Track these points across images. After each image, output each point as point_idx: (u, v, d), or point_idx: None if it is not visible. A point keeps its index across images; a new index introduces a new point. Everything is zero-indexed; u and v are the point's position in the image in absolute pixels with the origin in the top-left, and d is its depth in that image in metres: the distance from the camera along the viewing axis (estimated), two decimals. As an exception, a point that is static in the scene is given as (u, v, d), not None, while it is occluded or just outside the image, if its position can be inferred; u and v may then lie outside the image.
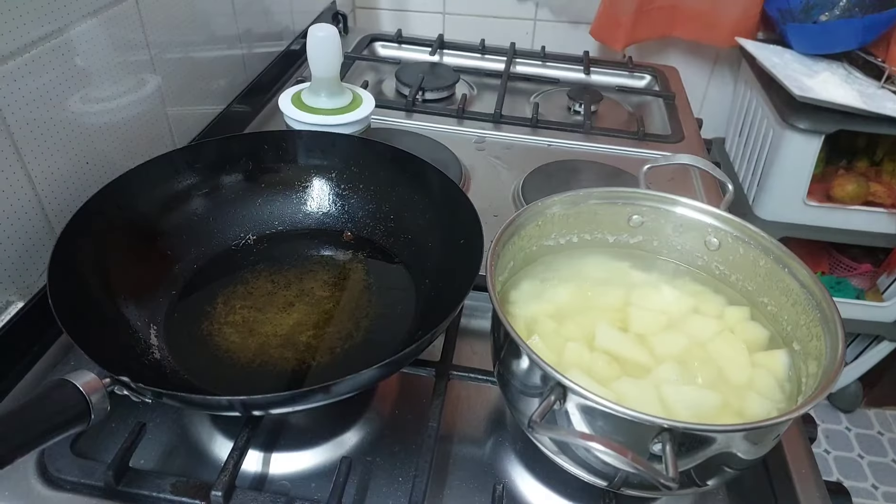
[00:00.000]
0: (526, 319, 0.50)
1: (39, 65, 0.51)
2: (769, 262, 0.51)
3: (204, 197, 0.61)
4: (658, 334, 0.50)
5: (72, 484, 0.45)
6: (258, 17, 0.89)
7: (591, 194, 0.55)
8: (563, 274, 0.55)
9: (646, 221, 0.56)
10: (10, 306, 0.51)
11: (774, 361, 0.48)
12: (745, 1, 1.25)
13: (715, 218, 0.54)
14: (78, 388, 0.37)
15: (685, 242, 0.56)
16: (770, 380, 0.47)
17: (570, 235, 0.56)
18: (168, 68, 0.69)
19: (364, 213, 0.64)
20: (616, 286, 0.54)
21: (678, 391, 0.45)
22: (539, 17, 1.39)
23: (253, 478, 0.47)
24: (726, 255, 0.54)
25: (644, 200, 0.56)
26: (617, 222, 0.57)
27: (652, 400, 0.44)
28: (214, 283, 0.58)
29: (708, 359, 0.48)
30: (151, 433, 0.49)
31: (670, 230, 0.56)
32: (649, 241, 0.57)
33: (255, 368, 0.51)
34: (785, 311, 0.50)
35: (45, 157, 0.53)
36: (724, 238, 0.54)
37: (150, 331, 0.52)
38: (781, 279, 0.50)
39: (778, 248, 0.51)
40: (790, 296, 0.50)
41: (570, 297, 0.52)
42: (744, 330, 0.51)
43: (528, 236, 0.53)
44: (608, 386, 0.45)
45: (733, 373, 0.47)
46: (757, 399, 0.45)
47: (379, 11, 1.42)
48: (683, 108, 1.02)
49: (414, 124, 0.91)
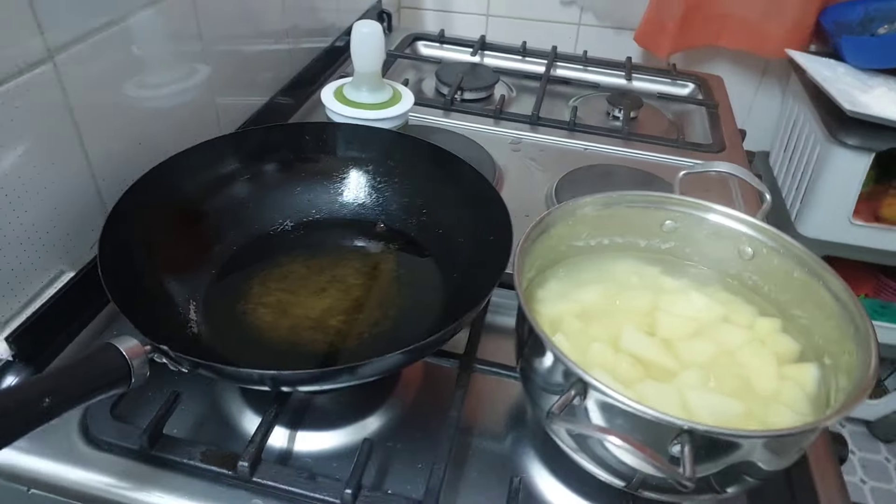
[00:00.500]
0: (551, 318, 0.51)
1: (100, 50, 0.54)
2: (803, 275, 0.50)
3: (246, 182, 0.63)
4: (685, 340, 0.50)
5: (109, 445, 0.48)
6: (305, 13, 0.92)
7: (625, 197, 0.55)
8: (591, 275, 0.55)
9: (679, 227, 0.56)
10: (62, 275, 0.55)
11: (803, 374, 0.48)
12: (798, 12, 1.22)
13: (750, 227, 0.54)
14: (121, 351, 0.39)
15: (718, 250, 0.56)
16: (798, 392, 0.46)
17: (601, 237, 0.56)
18: (218, 59, 0.72)
19: (398, 205, 0.66)
20: (645, 290, 0.54)
21: (701, 397, 0.45)
22: (583, 22, 1.39)
23: (278, 453, 0.49)
24: (760, 265, 0.54)
25: (678, 206, 0.56)
26: (649, 227, 0.57)
27: (674, 404, 0.44)
28: (252, 264, 0.60)
29: (735, 368, 0.48)
30: (185, 403, 0.51)
31: (703, 237, 0.56)
32: (681, 248, 0.57)
33: (286, 348, 0.53)
34: (818, 325, 0.49)
35: (101, 137, 0.56)
36: (758, 248, 0.53)
37: (190, 306, 0.54)
38: (815, 292, 0.49)
39: (813, 260, 0.50)
40: (824, 309, 0.49)
41: (597, 299, 0.53)
42: (774, 342, 0.50)
43: (558, 235, 0.53)
44: (631, 387, 0.45)
45: (760, 383, 0.47)
46: (783, 410, 0.45)
47: (423, 12, 1.44)
48: (726, 119, 1.01)
49: (451, 123, 0.93)
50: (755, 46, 1.29)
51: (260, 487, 0.46)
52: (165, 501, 0.45)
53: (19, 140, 0.48)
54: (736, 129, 1.00)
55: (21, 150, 0.48)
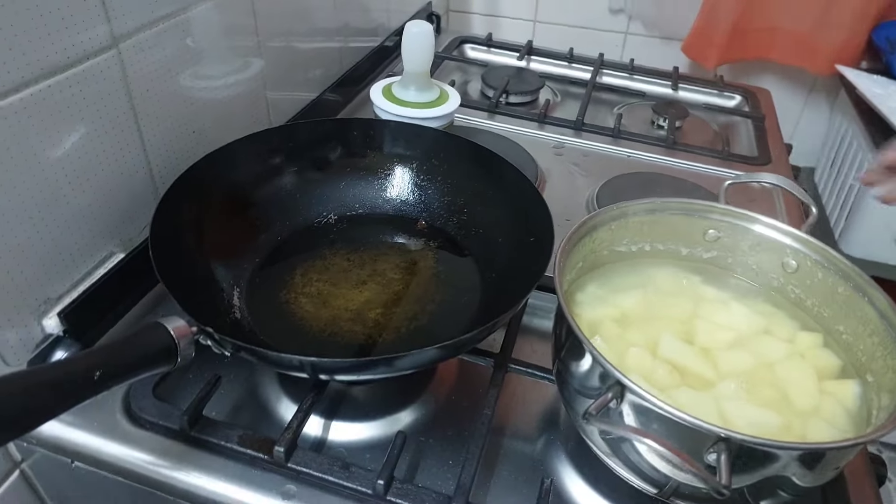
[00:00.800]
0: (590, 321, 0.50)
1: (161, 40, 0.56)
2: (848, 290, 0.50)
3: (293, 174, 0.64)
4: (724, 350, 0.49)
5: (150, 423, 0.49)
6: (356, 12, 0.93)
7: (668, 204, 0.55)
8: (631, 281, 0.55)
9: (722, 237, 0.56)
10: (113, 256, 0.56)
11: (845, 391, 0.47)
12: (850, 28, 1.20)
13: (795, 239, 0.53)
14: (169, 330, 0.40)
15: (761, 262, 0.55)
16: (838, 409, 0.45)
17: (643, 243, 0.56)
18: (271, 54, 0.73)
19: (439, 204, 0.66)
20: (684, 298, 0.54)
21: (739, 407, 0.44)
22: (630, 31, 1.38)
23: (313, 441, 0.50)
24: (803, 278, 0.53)
25: (722, 216, 0.55)
26: (692, 235, 0.56)
27: (711, 412, 0.44)
28: (295, 255, 0.61)
29: (774, 381, 0.47)
30: (224, 388, 0.52)
31: (747, 248, 0.55)
32: (724, 258, 0.57)
33: (325, 338, 0.54)
34: (861, 341, 0.49)
35: (158, 124, 0.58)
36: (802, 261, 0.53)
37: (234, 292, 0.56)
38: (860, 308, 0.49)
39: (859, 275, 0.49)
40: (868, 325, 0.48)
41: (636, 304, 0.52)
42: (815, 356, 0.50)
43: (600, 239, 0.53)
44: (666, 393, 0.45)
45: (799, 398, 0.46)
46: (822, 426, 0.44)
47: (471, 15, 1.45)
48: (773, 132, 0.99)
49: (495, 125, 0.93)
50: (805, 61, 1.26)
51: (294, 473, 0.46)
52: (202, 481, 0.46)
53: (81, 123, 0.50)
54: (782, 142, 0.98)
55: (81, 133, 0.50)
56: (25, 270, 0.48)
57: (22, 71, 0.44)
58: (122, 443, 0.48)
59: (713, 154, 0.90)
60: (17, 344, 0.49)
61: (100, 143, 0.52)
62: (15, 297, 0.48)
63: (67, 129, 0.49)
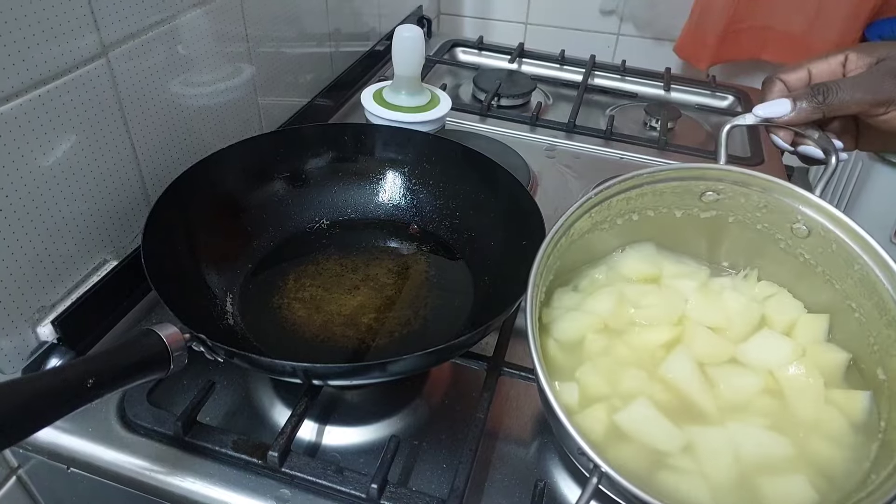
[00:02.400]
0: (570, 342, 0.48)
1: (150, 48, 0.56)
2: (867, 268, 0.44)
3: (285, 180, 0.64)
4: (722, 367, 0.47)
5: (145, 429, 0.49)
6: (348, 17, 0.94)
7: (657, 175, 0.49)
8: (602, 277, 0.53)
9: (721, 198, 0.50)
10: (106, 264, 0.56)
11: (853, 404, 0.44)
12: (844, 26, 1.20)
13: (807, 204, 0.48)
14: (161, 338, 0.41)
15: (768, 222, 0.50)
16: (843, 422, 0.44)
17: (630, 214, 0.52)
18: (262, 60, 0.74)
19: (431, 208, 0.66)
20: (666, 290, 0.51)
21: (749, 436, 0.43)
22: (622, 32, 1.38)
23: (307, 445, 0.50)
24: (815, 245, 0.48)
25: (720, 180, 0.49)
26: (686, 198, 0.51)
27: (725, 452, 0.42)
28: (287, 260, 0.61)
29: (778, 390, 0.46)
30: (218, 393, 0.53)
31: (751, 208, 0.50)
32: (724, 217, 0.51)
33: (319, 343, 0.54)
34: (874, 328, 0.44)
35: (148, 131, 0.58)
36: (815, 227, 0.47)
37: (227, 298, 0.56)
38: (877, 291, 0.44)
39: (884, 258, 0.43)
40: (885, 313, 0.43)
41: (613, 306, 0.50)
42: (818, 353, 0.47)
43: (579, 230, 0.50)
44: (680, 427, 0.43)
45: (804, 410, 0.44)
46: (827, 446, 0.42)
47: (462, 18, 1.45)
48: (766, 132, 0.99)
49: (487, 128, 0.93)
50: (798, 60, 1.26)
51: (288, 478, 0.47)
52: (197, 486, 0.47)
53: (71, 132, 0.50)
54: (775, 143, 0.98)
55: (72, 142, 0.50)
56: (19, 279, 0.48)
57: (12, 81, 0.44)
58: (117, 449, 0.48)
59: (706, 155, 0.91)
60: (11, 352, 0.49)
61: (91, 152, 0.52)
62: (9, 305, 0.48)
63: (58, 138, 0.49)
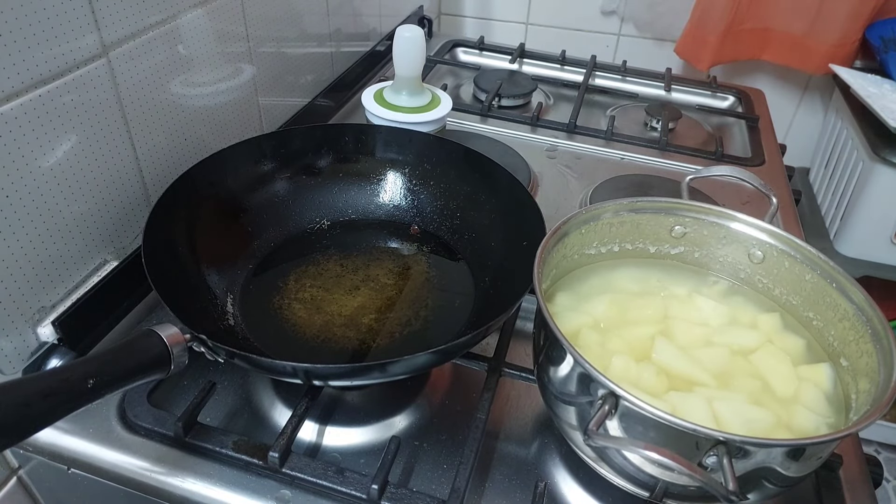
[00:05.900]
0: (567, 332, 0.49)
1: (151, 48, 0.56)
2: (815, 277, 0.51)
3: (286, 181, 0.64)
4: (701, 348, 0.50)
5: (145, 430, 0.49)
6: (348, 17, 0.94)
7: (635, 204, 0.55)
8: (597, 286, 0.55)
9: (688, 232, 0.56)
10: (106, 265, 0.56)
11: (819, 375, 0.48)
12: (844, 27, 1.20)
13: (760, 230, 0.54)
14: (162, 338, 0.41)
15: (728, 255, 0.56)
16: (817, 393, 0.46)
17: (612, 244, 0.57)
18: (262, 60, 0.74)
19: (432, 208, 0.66)
20: (652, 297, 0.54)
21: (729, 407, 0.45)
22: (623, 33, 1.38)
23: (307, 446, 0.50)
24: (770, 268, 0.54)
25: (688, 212, 0.55)
26: (659, 232, 0.57)
27: (703, 414, 0.44)
28: (288, 261, 0.61)
29: (753, 371, 0.48)
30: (219, 394, 0.53)
31: (714, 241, 0.56)
32: (691, 253, 0.57)
33: (319, 343, 0.54)
34: (832, 327, 0.50)
35: (149, 132, 0.58)
36: (768, 251, 0.53)
37: (227, 299, 0.56)
38: (828, 294, 0.50)
39: (826, 262, 0.50)
40: (837, 311, 0.49)
41: (607, 309, 0.52)
42: (781, 339, 0.51)
43: (571, 244, 0.53)
44: (659, 398, 0.45)
45: (780, 386, 0.47)
46: (805, 413, 0.45)
47: (463, 19, 1.45)
48: (767, 133, 1.00)
49: (488, 129, 0.93)
50: (798, 61, 1.26)
51: (288, 478, 0.47)
52: (197, 487, 0.47)
53: (72, 132, 0.50)
54: (776, 143, 0.98)
55: (73, 142, 0.50)
56: (19, 279, 0.48)
57: (12, 80, 0.44)
58: (118, 449, 0.48)
59: (706, 156, 0.91)
60: (11, 352, 0.49)
61: (91, 152, 0.52)
62: (9, 305, 0.48)
63: (59, 138, 0.49)
